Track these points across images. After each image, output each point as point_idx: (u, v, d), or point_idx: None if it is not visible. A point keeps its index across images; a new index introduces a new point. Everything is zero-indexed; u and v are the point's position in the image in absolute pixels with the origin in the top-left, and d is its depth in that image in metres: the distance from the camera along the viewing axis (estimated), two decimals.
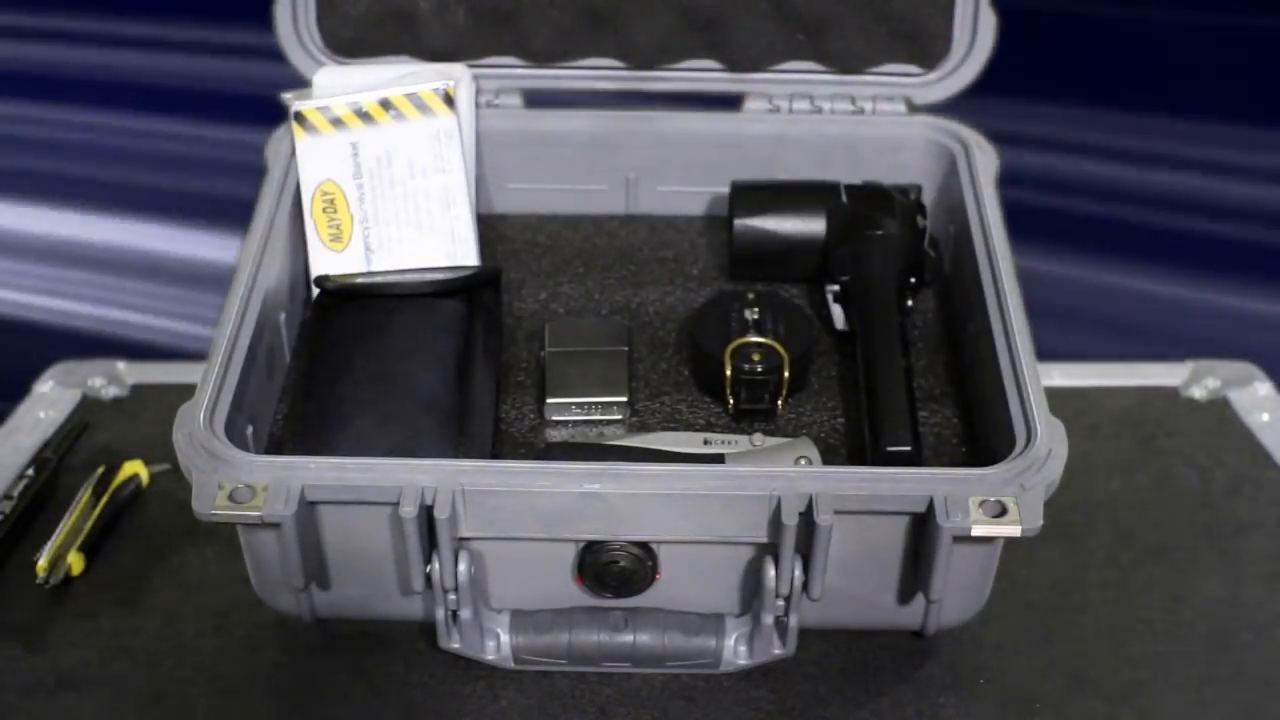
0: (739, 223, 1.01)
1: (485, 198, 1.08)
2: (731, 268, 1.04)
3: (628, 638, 0.82)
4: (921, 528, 0.78)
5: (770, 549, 0.78)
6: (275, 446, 0.90)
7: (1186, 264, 1.52)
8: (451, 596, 0.80)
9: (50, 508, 0.94)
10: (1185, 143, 1.53)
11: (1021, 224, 0.96)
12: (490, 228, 1.08)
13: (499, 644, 0.83)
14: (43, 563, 0.87)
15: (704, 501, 0.77)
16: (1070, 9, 1.51)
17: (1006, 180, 1.00)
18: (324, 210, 0.98)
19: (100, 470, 0.95)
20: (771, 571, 0.78)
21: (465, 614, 0.80)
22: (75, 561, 0.89)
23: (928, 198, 1.04)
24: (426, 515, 0.76)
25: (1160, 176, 1.49)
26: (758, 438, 0.89)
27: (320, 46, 1.03)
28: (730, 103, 1.07)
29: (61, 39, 1.65)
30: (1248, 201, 1.52)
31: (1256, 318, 1.50)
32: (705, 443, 0.89)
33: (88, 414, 1.03)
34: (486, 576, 0.82)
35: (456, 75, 1.02)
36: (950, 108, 1.06)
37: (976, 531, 0.75)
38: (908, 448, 0.86)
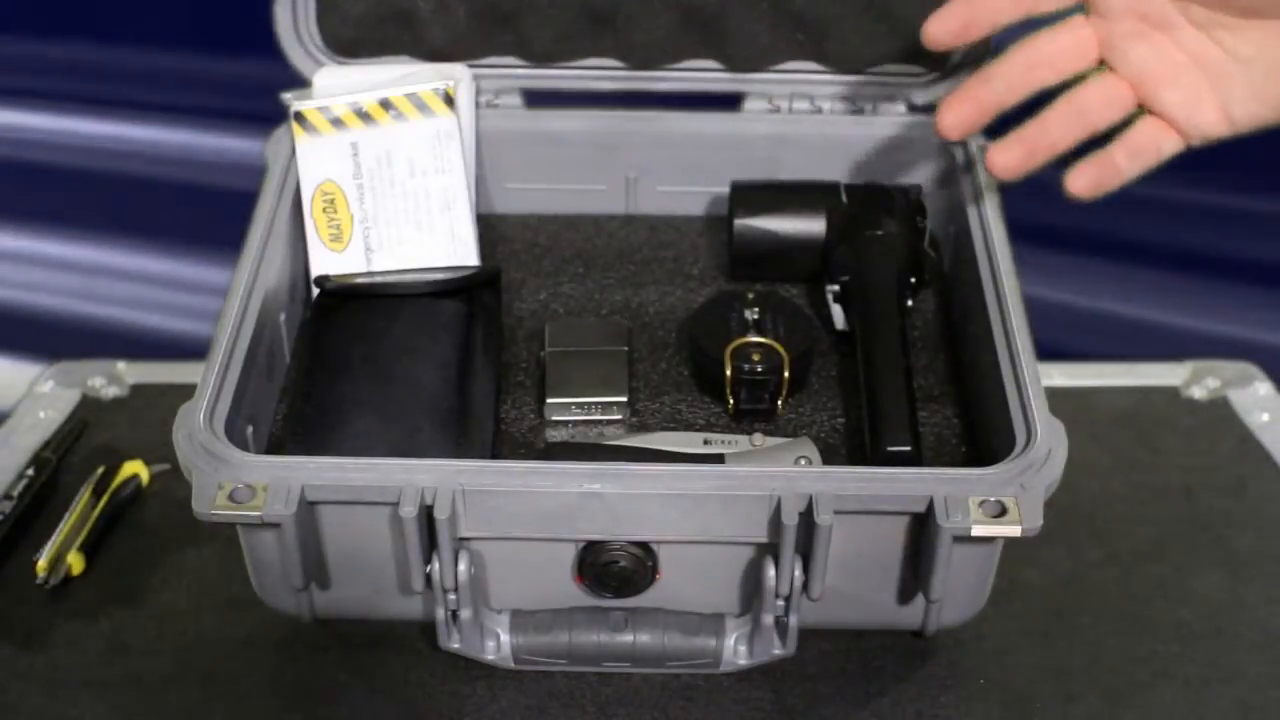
0: (739, 223, 1.01)
1: (485, 198, 1.08)
2: (731, 268, 1.04)
3: (628, 638, 0.82)
4: (921, 528, 0.78)
5: (770, 549, 0.78)
6: (275, 446, 0.90)
7: (1187, 264, 1.52)
8: (451, 596, 0.80)
9: (50, 508, 0.93)
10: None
11: (1021, 223, 0.96)
12: (490, 228, 1.07)
13: (499, 644, 0.83)
14: (43, 563, 0.87)
15: (704, 501, 0.77)
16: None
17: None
18: (324, 210, 0.98)
19: (100, 470, 0.95)
20: (771, 571, 0.78)
21: (465, 614, 0.80)
22: (75, 561, 0.89)
23: (928, 198, 1.04)
24: (426, 515, 0.76)
25: (1160, 175, 1.49)
26: (758, 438, 0.89)
27: (320, 46, 1.03)
28: (730, 103, 1.07)
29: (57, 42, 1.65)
30: (1248, 200, 1.52)
31: (1257, 318, 1.50)
32: (705, 443, 0.89)
33: (87, 414, 1.02)
34: (486, 576, 0.82)
35: (456, 75, 1.02)
36: None
37: (976, 531, 0.75)
38: (908, 448, 0.86)
